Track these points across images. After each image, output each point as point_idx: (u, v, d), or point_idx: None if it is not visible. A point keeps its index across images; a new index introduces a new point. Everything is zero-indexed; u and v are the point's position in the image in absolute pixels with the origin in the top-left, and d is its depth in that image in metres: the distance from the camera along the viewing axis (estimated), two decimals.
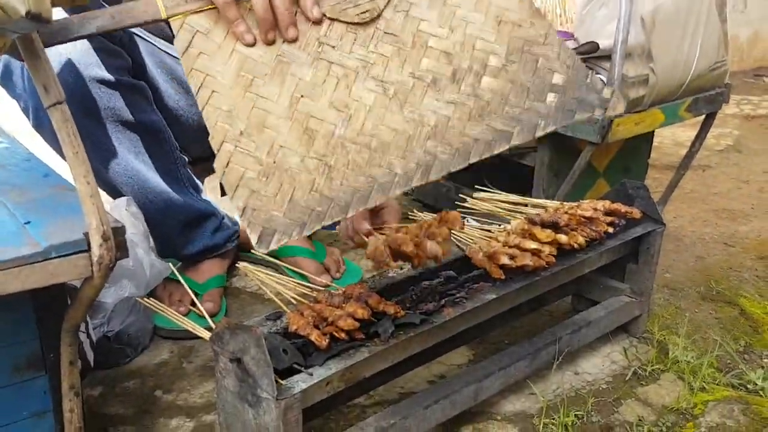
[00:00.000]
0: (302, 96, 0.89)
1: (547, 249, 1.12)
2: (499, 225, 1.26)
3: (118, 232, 0.78)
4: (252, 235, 0.80)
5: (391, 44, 0.93)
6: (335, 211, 0.83)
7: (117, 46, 1.26)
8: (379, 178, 0.85)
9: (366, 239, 1.05)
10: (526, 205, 1.32)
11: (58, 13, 0.89)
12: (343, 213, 0.83)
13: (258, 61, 0.90)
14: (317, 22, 0.91)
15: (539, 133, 0.89)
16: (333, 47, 0.92)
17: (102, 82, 1.17)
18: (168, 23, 0.89)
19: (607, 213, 1.24)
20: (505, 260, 1.09)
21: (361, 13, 0.93)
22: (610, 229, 1.23)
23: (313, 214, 0.82)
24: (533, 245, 1.12)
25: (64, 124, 0.75)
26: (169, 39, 1.36)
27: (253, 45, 0.90)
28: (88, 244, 0.77)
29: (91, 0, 1.16)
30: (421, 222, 1.07)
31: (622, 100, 1.43)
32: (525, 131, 0.89)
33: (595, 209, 1.23)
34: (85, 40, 1.13)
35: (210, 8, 0.91)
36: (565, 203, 1.28)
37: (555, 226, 1.16)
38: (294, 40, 0.91)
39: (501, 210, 1.32)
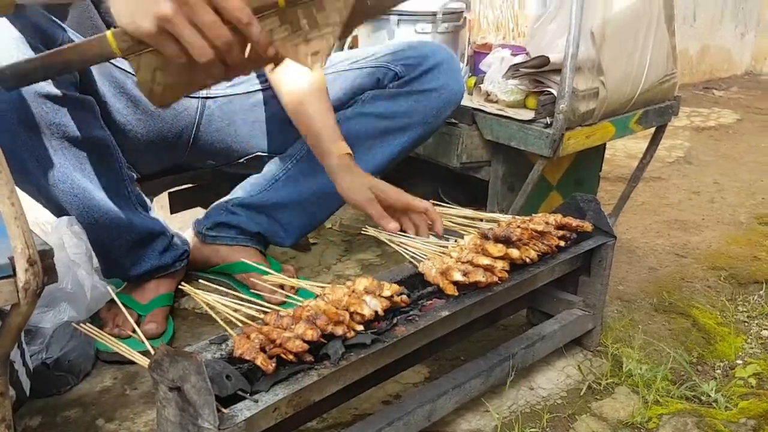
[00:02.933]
0: None
1: (499, 264, 1.11)
2: (454, 240, 1.24)
3: (46, 255, 0.74)
4: None
5: None
6: None
7: None
8: None
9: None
10: (481, 220, 1.31)
11: None
12: None
13: None
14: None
15: None
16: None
17: (48, 97, 1.12)
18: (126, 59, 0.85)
19: (559, 227, 1.24)
20: (458, 277, 1.07)
21: None
22: (562, 243, 1.23)
23: None
24: (486, 261, 1.10)
25: None
26: None
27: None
28: (13, 269, 0.73)
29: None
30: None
31: None
32: None
33: (547, 223, 1.22)
34: (30, 53, 1.08)
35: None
36: (517, 217, 1.27)
37: (507, 241, 1.15)
38: None
39: (456, 224, 1.31)
